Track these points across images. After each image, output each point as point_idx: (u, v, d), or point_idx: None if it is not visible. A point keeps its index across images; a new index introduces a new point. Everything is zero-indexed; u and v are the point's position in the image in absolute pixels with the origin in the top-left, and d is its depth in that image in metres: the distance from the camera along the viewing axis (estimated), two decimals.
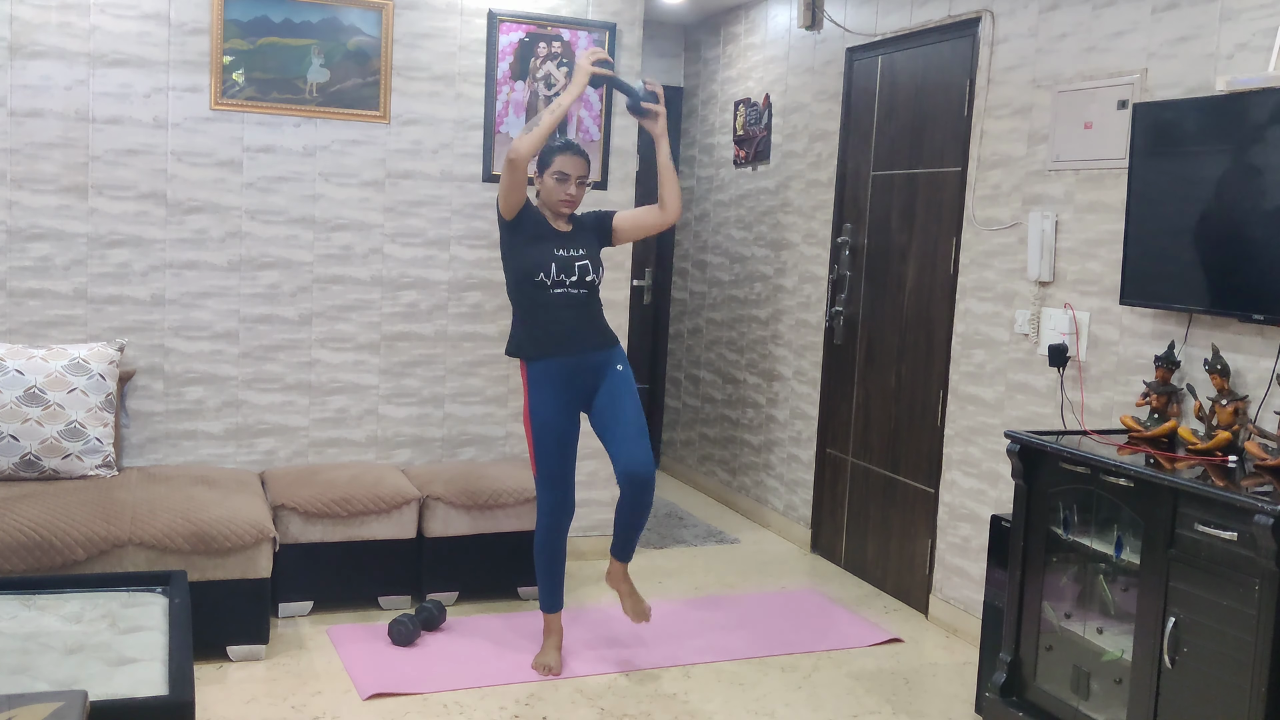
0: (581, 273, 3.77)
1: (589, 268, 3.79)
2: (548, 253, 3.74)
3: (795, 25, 5.55)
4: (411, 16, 4.62)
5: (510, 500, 4.40)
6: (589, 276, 3.79)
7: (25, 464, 3.92)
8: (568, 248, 3.78)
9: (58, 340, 4.25)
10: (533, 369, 3.80)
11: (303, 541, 4.15)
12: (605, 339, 3.87)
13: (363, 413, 4.73)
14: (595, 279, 3.82)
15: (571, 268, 3.76)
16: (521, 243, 3.77)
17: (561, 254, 3.76)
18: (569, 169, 3.76)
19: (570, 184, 3.77)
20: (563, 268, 3.74)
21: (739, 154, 6.11)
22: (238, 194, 4.46)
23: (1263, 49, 3.20)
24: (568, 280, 3.75)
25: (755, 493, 5.93)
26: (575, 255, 3.78)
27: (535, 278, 3.73)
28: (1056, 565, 3.34)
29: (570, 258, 3.76)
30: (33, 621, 2.87)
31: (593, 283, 3.81)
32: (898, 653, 4.19)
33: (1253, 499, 2.67)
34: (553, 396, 3.78)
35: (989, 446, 4.24)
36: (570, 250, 3.78)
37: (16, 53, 4.13)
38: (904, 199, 4.77)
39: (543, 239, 3.77)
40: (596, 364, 3.82)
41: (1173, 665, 2.87)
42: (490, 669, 3.83)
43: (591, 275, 3.80)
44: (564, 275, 3.74)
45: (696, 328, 6.60)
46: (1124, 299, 3.48)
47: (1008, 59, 4.18)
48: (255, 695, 3.56)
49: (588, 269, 3.79)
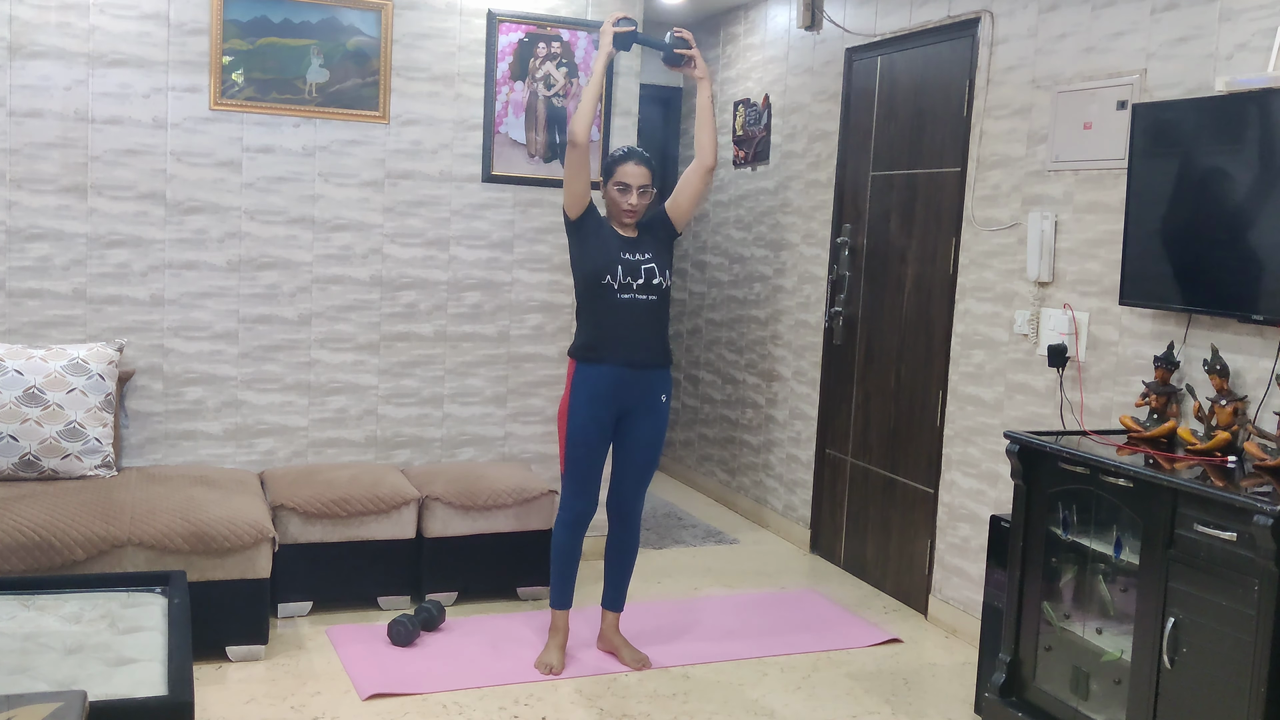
0: (648, 275, 3.77)
1: (655, 270, 3.78)
2: (614, 255, 3.74)
3: (795, 26, 5.55)
4: (411, 17, 4.62)
5: (509, 501, 4.40)
6: (656, 279, 3.78)
7: (25, 464, 3.92)
8: (634, 251, 3.78)
9: (57, 340, 4.24)
10: (581, 370, 3.79)
11: (302, 542, 4.15)
12: (662, 356, 3.86)
13: (362, 413, 4.73)
14: (663, 282, 3.80)
15: (638, 271, 3.75)
16: (587, 245, 3.77)
17: (628, 257, 3.76)
18: (630, 179, 3.77)
19: (632, 194, 3.77)
20: (629, 271, 3.74)
21: (738, 154, 6.11)
22: (237, 194, 4.46)
23: (1262, 49, 3.20)
24: (635, 284, 3.74)
25: (754, 493, 5.93)
26: (642, 259, 3.77)
27: (602, 280, 3.73)
28: (1056, 566, 3.34)
29: (637, 261, 3.76)
30: (32, 622, 2.87)
31: (660, 286, 3.79)
32: (897, 653, 4.19)
33: (1252, 499, 2.67)
34: (593, 403, 3.78)
35: (988, 447, 4.24)
36: (637, 254, 3.78)
37: (16, 53, 4.13)
38: (903, 199, 4.77)
39: (607, 241, 3.78)
40: (645, 384, 3.82)
41: (1172, 666, 2.87)
42: (489, 669, 3.83)
43: (659, 278, 3.79)
44: (631, 279, 3.74)
45: (696, 328, 6.60)
46: (1123, 299, 3.48)
47: (1007, 59, 4.18)
48: (254, 695, 3.56)
49: (654, 272, 3.78)
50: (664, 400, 3.86)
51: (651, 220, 3.91)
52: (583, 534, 3.92)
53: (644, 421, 3.84)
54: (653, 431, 3.86)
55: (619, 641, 3.99)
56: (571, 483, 3.86)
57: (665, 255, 3.85)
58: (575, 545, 3.92)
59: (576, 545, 3.92)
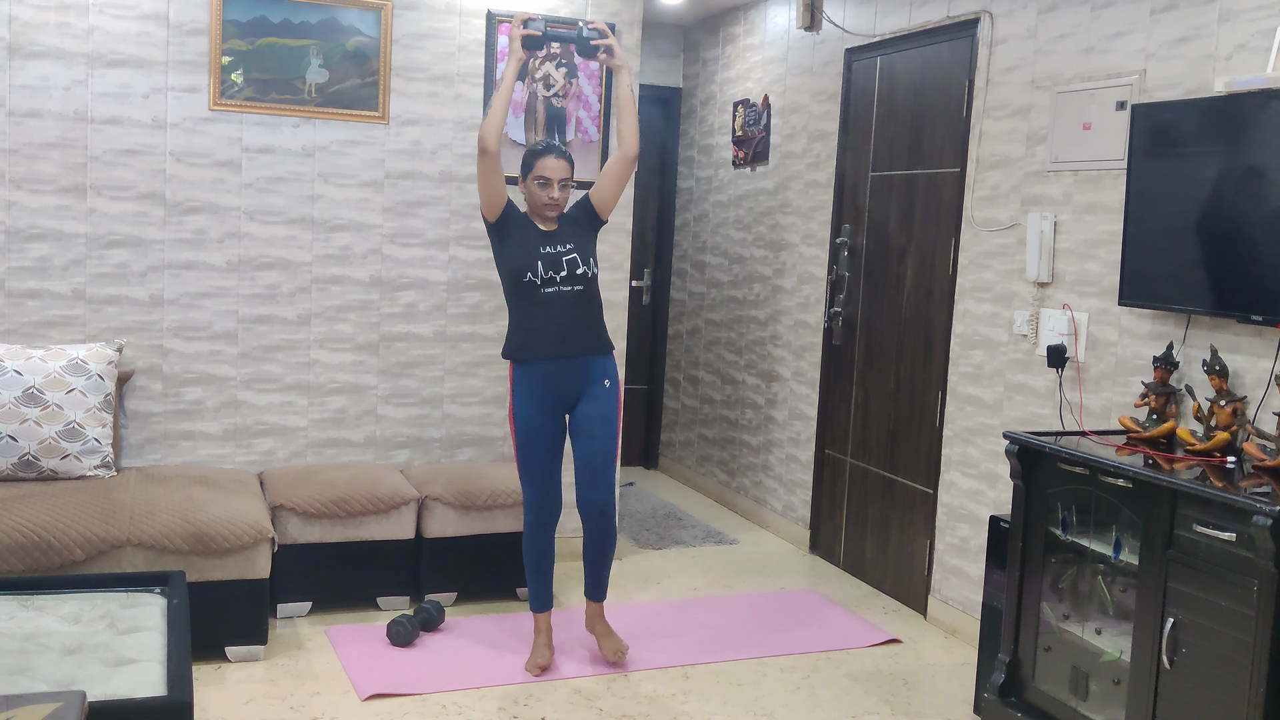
0: (571, 267, 3.75)
1: (578, 260, 3.77)
2: (533, 251, 3.74)
3: (794, 26, 5.55)
4: (410, 17, 4.62)
5: (508, 501, 4.40)
6: (579, 269, 3.76)
7: (24, 464, 3.91)
8: (554, 244, 3.77)
9: (56, 341, 4.24)
10: (518, 371, 3.80)
11: (301, 542, 4.14)
12: (598, 344, 3.84)
13: (361, 413, 4.73)
14: (587, 271, 3.78)
15: (559, 263, 3.74)
16: (507, 243, 3.77)
17: (548, 250, 3.74)
18: (549, 173, 3.76)
19: (553, 188, 3.77)
20: (550, 264, 3.73)
21: (738, 155, 6.11)
22: (236, 194, 4.46)
23: (1261, 50, 3.21)
24: (558, 277, 3.74)
25: (754, 493, 5.93)
26: (562, 250, 3.76)
27: (524, 278, 3.73)
28: (1055, 566, 3.34)
29: (557, 254, 3.75)
30: (31, 622, 2.87)
31: (585, 275, 3.77)
32: (896, 653, 4.19)
33: (1251, 500, 2.67)
34: (536, 400, 3.78)
35: (987, 447, 4.24)
36: (557, 246, 3.77)
37: (15, 53, 4.12)
38: (903, 200, 4.77)
39: (527, 238, 3.77)
40: (585, 371, 3.81)
41: (1171, 666, 2.87)
42: (489, 669, 3.83)
43: (583, 268, 3.77)
44: (552, 272, 3.73)
45: (695, 328, 6.60)
46: (1123, 300, 3.48)
47: (1006, 60, 4.18)
48: (254, 696, 3.56)
49: (577, 262, 3.76)
50: (607, 385, 3.83)
51: (573, 209, 3.90)
52: (551, 533, 3.90)
53: (589, 408, 3.82)
54: (599, 417, 3.81)
55: (601, 630, 3.97)
56: (529, 482, 3.85)
57: (589, 244, 3.84)
58: (546, 545, 3.90)
59: (547, 545, 3.90)
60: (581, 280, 3.77)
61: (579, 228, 3.86)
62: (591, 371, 3.82)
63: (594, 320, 3.84)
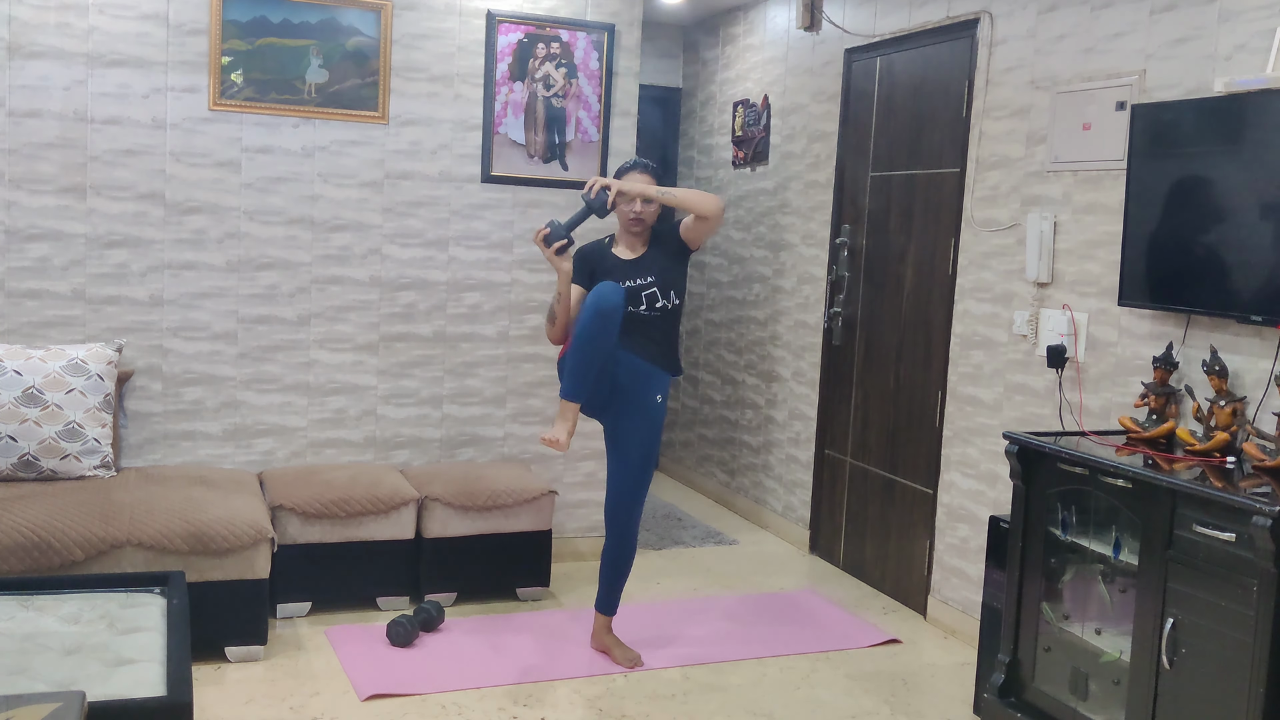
0: (650, 301, 3.79)
1: (657, 295, 3.79)
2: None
3: (794, 26, 5.55)
4: (410, 17, 4.62)
5: (508, 501, 4.40)
6: (659, 303, 3.80)
7: (23, 464, 3.91)
8: (635, 276, 3.80)
9: (56, 341, 4.24)
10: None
11: (301, 542, 4.14)
12: (663, 359, 3.84)
13: (361, 413, 4.73)
14: (667, 304, 3.81)
15: (639, 298, 3.78)
16: (595, 279, 3.79)
17: (629, 284, 3.77)
18: (630, 189, 3.78)
19: (636, 203, 3.79)
20: (630, 298, 3.76)
21: (738, 155, 6.11)
22: (236, 194, 4.46)
23: (1261, 50, 3.21)
24: (639, 310, 3.78)
25: (754, 494, 5.93)
26: (643, 284, 3.79)
27: None
28: (1055, 566, 3.34)
29: (637, 287, 3.78)
30: (31, 622, 2.87)
31: (664, 308, 3.81)
32: (896, 654, 4.19)
33: (1251, 500, 2.67)
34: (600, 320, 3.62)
35: (987, 447, 4.24)
36: (638, 279, 3.79)
37: (15, 53, 4.12)
38: (902, 200, 4.77)
39: (611, 273, 3.80)
40: (644, 374, 3.80)
41: (1171, 666, 2.87)
42: (488, 670, 3.83)
43: (662, 301, 3.80)
44: (632, 307, 3.76)
45: (695, 329, 6.60)
46: (1122, 300, 3.48)
47: (1006, 60, 4.18)
48: (253, 696, 3.56)
49: (656, 296, 3.79)
50: (659, 400, 3.85)
51: (665, 235, 3.90)
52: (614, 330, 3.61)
53: (637, 421, 3.83)
54: (646, 431, 3.85)
55: (610, 641, 3.99)
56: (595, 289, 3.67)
57: (672, 273, 3.84)
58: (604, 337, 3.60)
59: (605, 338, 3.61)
60: (661, 311, 3.82)
61: (666, 255, 3.86)
62: (651, 378, 3.82)
63: (666, 339, 3.87)
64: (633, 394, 3.81)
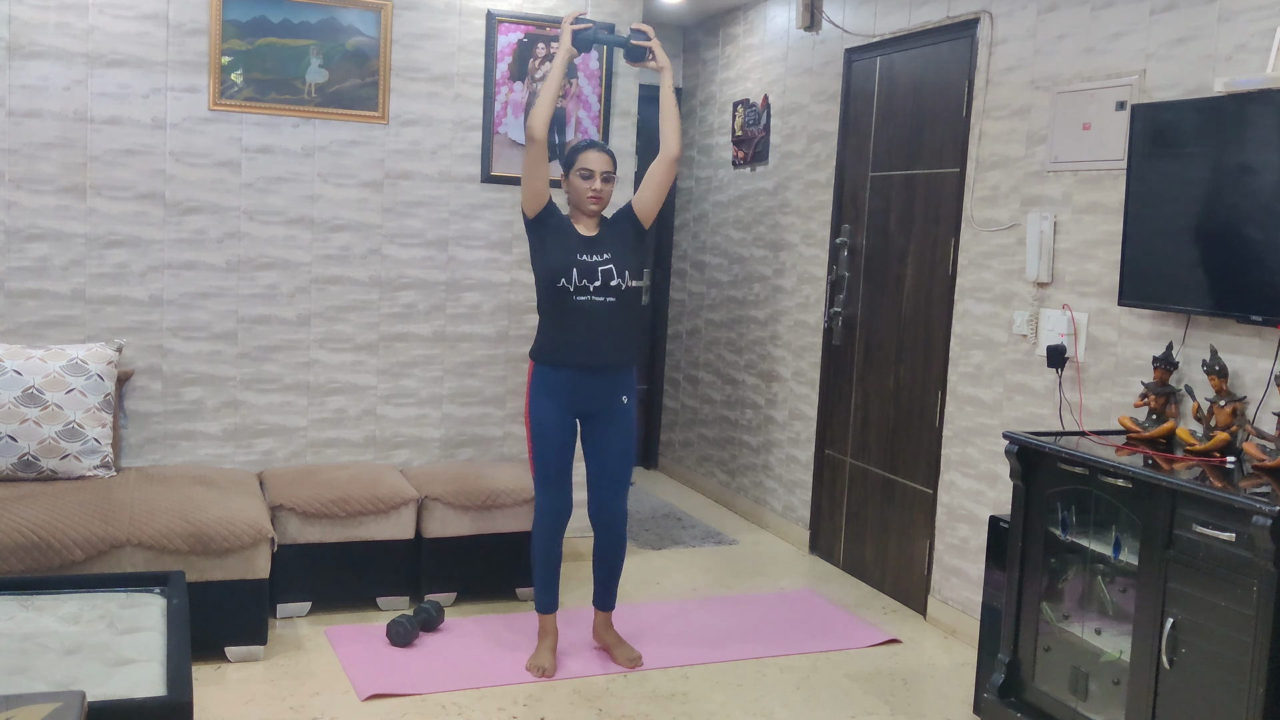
0: (605, 277, 3.73)
1: (613, 271, 3.74)
2: (570, 257, 3.71)
3: (794, 26, 5.55)
4: (410, 17, 4.62)
5: (508, 501, 4.40)
6: (614, 281, 3.74)
7: (23, 464, 3.91)
8: (592, 252, 3.75)
9: (56, 341, 4.24)
10: (538, 371, 3.80)
11: (301, 542, 4.14)
12: (621, 357, 3.82)
13: (361, 413, 4.73)
14: (622, 283, 3.76)
15: (594, 272, 3.72)
16: (546, 244, 3.75)
17: (584, 259, 3.72)
18: (593, 164, 3.75)
19: (595, 179, 3.75)
20: (585, 273, 3.70)
21: (738, 155, 6.11)
22: (236, 194, 4.46)
23: (1261, 50, 3.21)
24: (591, 286, 3.71)
25: (754, 494, 5.93)
26: (599, 260, 3.73)
27: (557, 283, 3.71)
28: (1055, 566, 3.34)
29: (593, 263, 3.72)
30: (31, 622, 2.87)
31: (619, 288, 3.75)
32: (896, 653, 4.19)
33: (1251, 500, 2.67)
34: (553, 402, 3.78)
35: (987, 447, 4.24)
36: (594, 255, 3.74)
37: (15, 53, 4.12)
38: (902, 200, 4.77)
39: (566, 243, 3.74)
40: (605, 386, 3.80)
41: (1171, 666, 2.87)
42: (488, 670, 3.83)
43: (617, 279, 3.74)
44: (586, 281, 3.70)
45: (695, 328, 6.60)
46: (1122, 300, 3.48)
47: (1006, 60, 4.18)
48: (253, 696, 3.56)
49: (612, 273, 3.74)
50: (625, 401, 3.84)
51: (617, 217, 3.88)
52: (561, 535, 3.90)
53: (610, 427, 3.83)
54: (620, 436, 3.85)
55: (611, 639, 3.99)
56: (543, 484, 3.84)
57: (629, 254, 3.81)
58: (555, 547, 3.90)
59: (556, 547, 3.90)
60: (615, 292, 3.75)
61: (621, 236, 3.83)
62: (614, 385, 3.82)
63: (624, 332, 3.82)
64: (601, 408, 3.81)
